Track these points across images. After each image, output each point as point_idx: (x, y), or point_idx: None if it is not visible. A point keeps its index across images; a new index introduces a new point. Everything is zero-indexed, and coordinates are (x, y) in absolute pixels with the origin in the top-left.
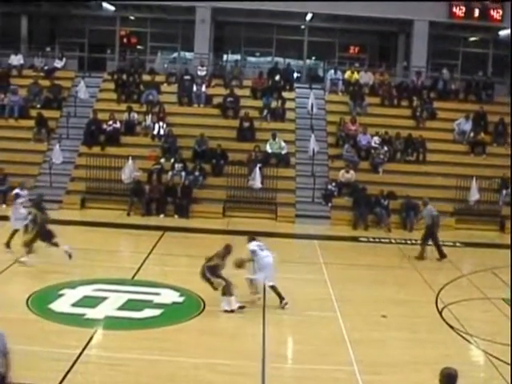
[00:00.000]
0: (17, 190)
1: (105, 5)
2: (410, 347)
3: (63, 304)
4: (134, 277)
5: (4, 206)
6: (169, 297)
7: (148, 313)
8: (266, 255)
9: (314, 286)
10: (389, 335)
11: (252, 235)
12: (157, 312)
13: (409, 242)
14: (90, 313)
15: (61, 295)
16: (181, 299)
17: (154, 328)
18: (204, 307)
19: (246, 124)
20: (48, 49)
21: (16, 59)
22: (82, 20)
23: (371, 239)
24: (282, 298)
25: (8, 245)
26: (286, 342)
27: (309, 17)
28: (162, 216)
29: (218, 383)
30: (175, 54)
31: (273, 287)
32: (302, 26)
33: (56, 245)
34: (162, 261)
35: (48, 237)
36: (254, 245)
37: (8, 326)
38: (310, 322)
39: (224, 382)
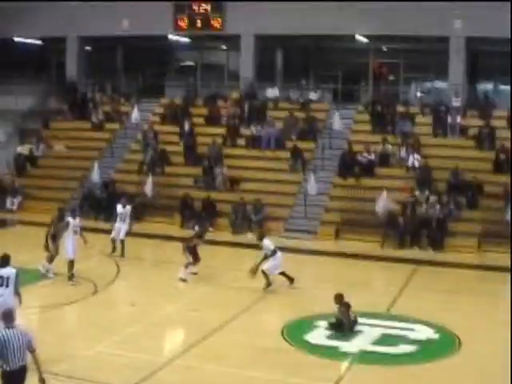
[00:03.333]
0: (68, 219)
1: (358, 37)
2: None
3: (318, 335)
4: (388, 310)
5: (250, 235)
6: (424, 333)
7: (403, 348)
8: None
9: None
10: None
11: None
12: (412, 348)
13: None
14: (345, 346)
15: (316, 326)
16: (436, 336)
17: (410, 365)
18: (460, 345)
19: (503, 156)
20: (303, 81)
21: (272, 92)
22: (336, 52)
23: None
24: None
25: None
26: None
27: None
28: (416, 249)
29: None
30: (429, 85)
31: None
32: None
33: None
34: (416, 295)
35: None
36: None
37: (263, 354)
38: None
39: None
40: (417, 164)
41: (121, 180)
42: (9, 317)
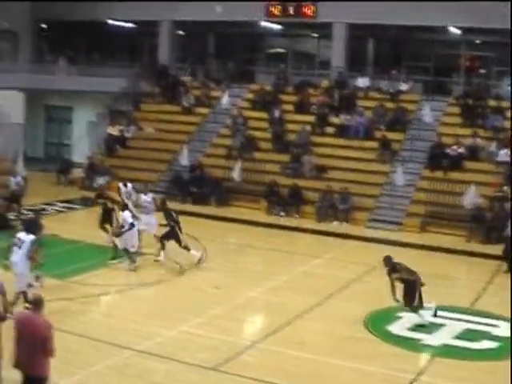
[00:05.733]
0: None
1: (450, 29)
2: None
3: (400, 327)
4: (471, 305)
5: (345, 223)
6: (507, 330)
7: (486, 344)
8: None
9: None
10: None
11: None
12: (494, 345)
13: None
14: (427, 338)
15: (398, 317)
16: None
17: (491, 361)
18: None
19: None
20: (393, 72)
21: (362, 81)
22: (428, 44)
23: None
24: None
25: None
26: None
27: None
28: (502, 245)
29: None
30: None
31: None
32: None
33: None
34: (501, 292)
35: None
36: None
37: (345, 342)
38: None
39: None
40: (506, 159)
41: (209, 164)
42: None
